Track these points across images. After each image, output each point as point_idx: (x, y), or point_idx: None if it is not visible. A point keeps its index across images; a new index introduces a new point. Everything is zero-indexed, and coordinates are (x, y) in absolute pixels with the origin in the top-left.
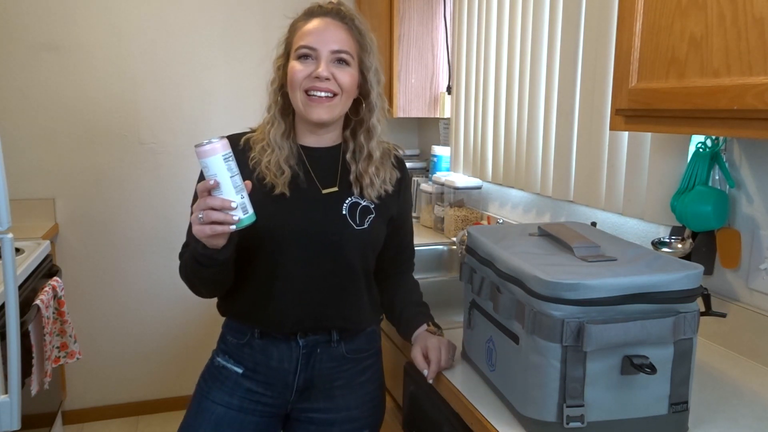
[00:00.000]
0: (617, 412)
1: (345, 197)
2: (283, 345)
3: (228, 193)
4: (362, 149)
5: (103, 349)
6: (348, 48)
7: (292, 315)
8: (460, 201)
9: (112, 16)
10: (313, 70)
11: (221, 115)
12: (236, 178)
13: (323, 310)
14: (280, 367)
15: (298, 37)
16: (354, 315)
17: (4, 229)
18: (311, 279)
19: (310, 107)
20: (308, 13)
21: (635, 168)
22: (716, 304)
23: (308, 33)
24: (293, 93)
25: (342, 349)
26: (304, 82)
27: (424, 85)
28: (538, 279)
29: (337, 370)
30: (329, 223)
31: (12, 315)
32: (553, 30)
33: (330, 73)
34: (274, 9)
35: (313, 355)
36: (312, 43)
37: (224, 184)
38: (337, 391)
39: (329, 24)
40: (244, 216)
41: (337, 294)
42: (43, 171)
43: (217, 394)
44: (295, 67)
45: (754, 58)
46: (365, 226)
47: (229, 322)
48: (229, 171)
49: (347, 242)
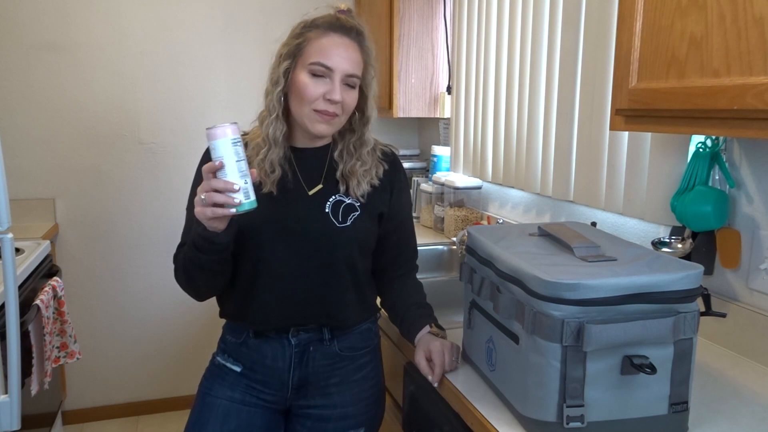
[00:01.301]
0: (617, 412)
1: (329, 195)
2: (276, 343)
3: (232, 176)
4: (351, 154)
5: (103, 349)
6: (359, 72)
7: (276, 312)
8: (460, 201)
9: (111, 15)
10: (326, 91)
11: (221, 115)
12: (242, 163)
13: (307, 308)
14: (275, 365)
15: (314, 50)
16: (338, 312)
17: (4, 229)
18: (294, 277)
19: (316, 123)
20: (327, 25)
21: (635, 168)
22: (716, 304)
23: (326, 50)
24: (300, 106)
25: (335, 347)
26: (317, 102)
27: (424, 85)
28: (538, 279)
29: (332, 367)
30: (311, 221)
31: (12, 315)
32: (553, 30)
33: (342, 96)
34: (274, 9)
35: (307, 353)
36: (329, 63)
37: (229, 166)
38: (333, 389)
39: (348, 45)
40: (246, 201)
41: (320, 291)
42: (43, 171)
43: (219, 390)
44: (308, 83)
45: (754, 58)
46: (347, 223)
47: (228, 322)
48: (236, 155)
49: (329, 240)
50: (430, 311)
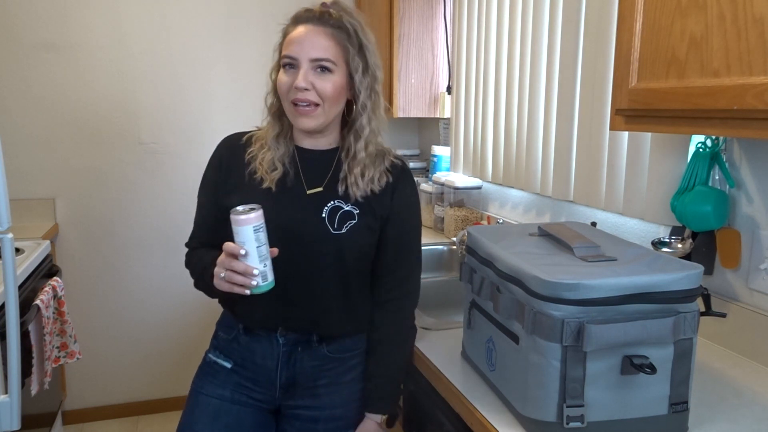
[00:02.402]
0: (617, 412)
1: (327, 200)
2: (265, 342)
3: (252, 261)
4: (350, 150)
5: (103, 349)
6: (330, 55)
7: (261, 308)
8: (460, 201)
9: (111, 16)
10: (293, 80)
11: (221, 115)
12: (263, 248)
13: (292, 310)
14: (264, 363)
15: (284, 46)
16: (321, 320)
17: (4, 229)
18: (283, 276)
19: (297, 117)
20: (295, 19)
21: (635, 168)
22: (716, 304)
23: (291, 42)
24: (283, 103)
25: (324, 349)
26: (289, 94)
27: (424, 85)
28: (538, 279)
29: (320, 369)
30: (306, 225)
31: (12, 315)
32: (553, 30)
33: (309, 82)
34: (274, 9)
35: (294, 354)
36: (293, 52)
37: (251, 252)
38: (322, 390)
39: (311, 31)
40: (263, 283)
41: (306, 296)
42: (43, 171)
43: (209, 388)
44: (281, 78)
45: (754, 58)
46: (342, 231)
47: (221, 317)
48: (257, 241)
49: (320, 245)
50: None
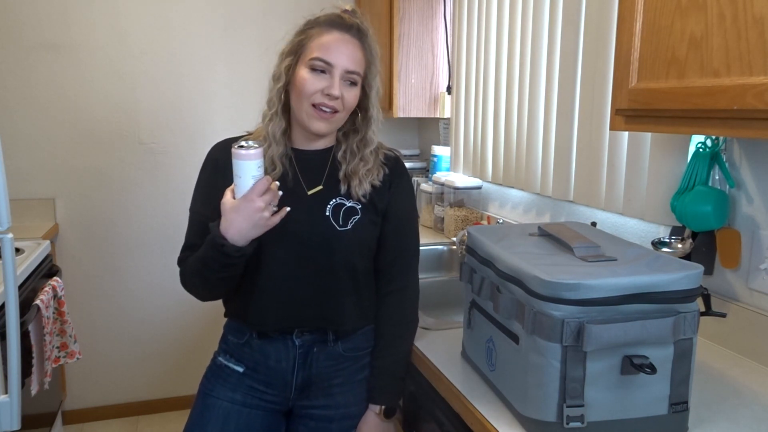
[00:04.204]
0: (617, 412)
1: (330, 198)
2: (279, 344)
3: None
4: (354, 154)
5: (103, 349)
6: (360, 69)
7: (274, 314)
8: (460, 201)
9: (111, 16)
10: (325, 86)
11: (221, 115)
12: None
13: (305, 311)
14: (278, 366)
15: (315, 46)
16: (335, 317)
17: (4, 229)
18: (292, 279)
19: (314, 120)
20: (329, 22)
21: (635, 168)
22: (716, 304)
23: (326, 46)
24: (299, 101)
25: (339, 348)
26: (315, 96)
27: (424, 85)
28: (538, 279)
29: (335, 368)
30: (312, 225)
31: (12, 315)
32: (553, 30)
33: (341, 92)
34: (274, 9)
35: (310, 354)
36: (329, 58)
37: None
38: (336, 389)
39: (349, 42)
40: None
41: (318, 295)
42: (43, 171)
43: (220, 391)
44: (307, 78)
45: (754, 58)
46: (348, 227)
47: (230, 322)
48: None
49: (329, 244)
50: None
